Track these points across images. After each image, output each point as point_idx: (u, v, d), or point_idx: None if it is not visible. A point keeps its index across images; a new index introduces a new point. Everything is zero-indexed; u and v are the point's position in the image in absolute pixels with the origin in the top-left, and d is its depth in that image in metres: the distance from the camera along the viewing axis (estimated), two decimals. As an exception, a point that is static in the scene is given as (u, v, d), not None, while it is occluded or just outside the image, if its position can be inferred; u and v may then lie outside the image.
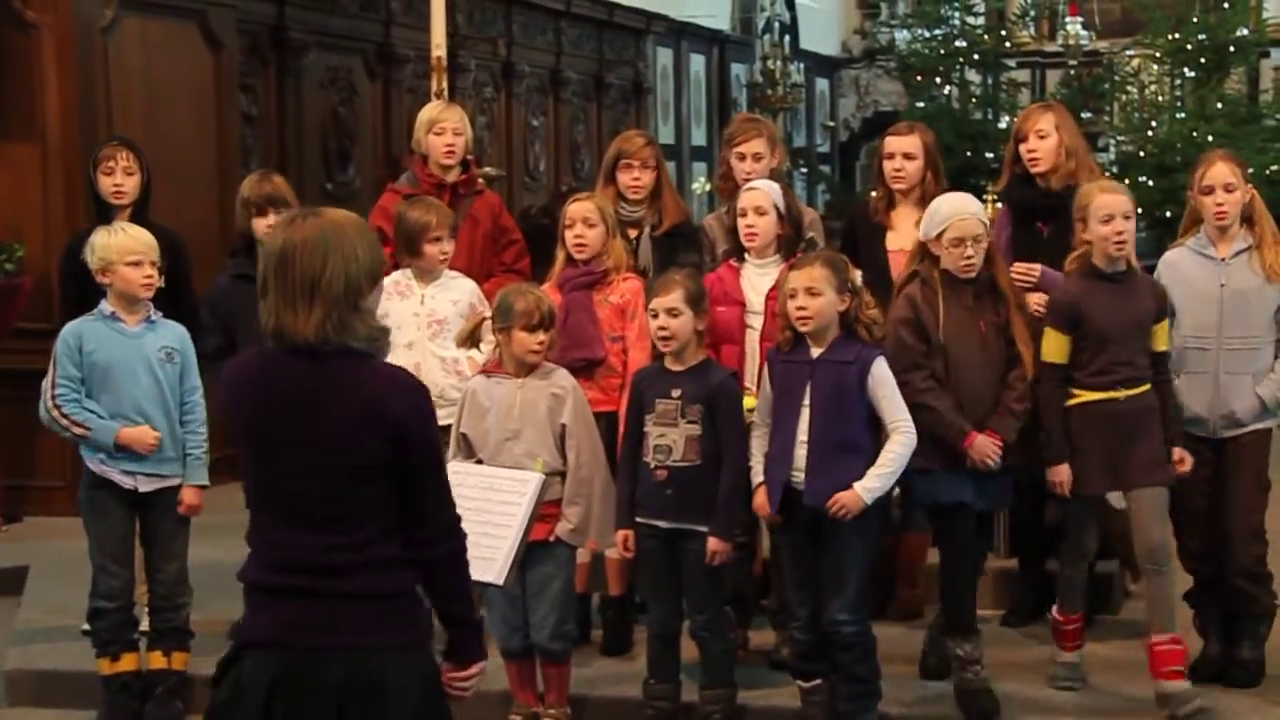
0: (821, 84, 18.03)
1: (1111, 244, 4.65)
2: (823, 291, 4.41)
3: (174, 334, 4.94)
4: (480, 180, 6.11)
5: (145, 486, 4.87)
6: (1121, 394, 4.65)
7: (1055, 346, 4.70)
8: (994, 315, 4.64)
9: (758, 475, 4.56)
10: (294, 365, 2.90)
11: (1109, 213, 4.63)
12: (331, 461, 2.88)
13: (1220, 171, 4.87)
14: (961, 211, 4.65)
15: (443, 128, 5.67)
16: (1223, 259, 4.90)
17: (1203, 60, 12.74)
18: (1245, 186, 4.90)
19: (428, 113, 5.80)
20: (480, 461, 4.59)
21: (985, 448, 4.57)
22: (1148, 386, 4.71)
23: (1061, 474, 4.71)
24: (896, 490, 4.63)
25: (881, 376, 4.46)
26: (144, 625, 5.05)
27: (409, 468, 2.92)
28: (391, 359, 5.13)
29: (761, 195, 4.99)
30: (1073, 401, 4.70)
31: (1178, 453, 4.74)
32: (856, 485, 4.38)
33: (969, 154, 12.53)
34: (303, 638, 2.86)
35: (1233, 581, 4.88)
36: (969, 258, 4.59)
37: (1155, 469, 4.70)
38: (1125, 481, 4.71)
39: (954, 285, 4.63)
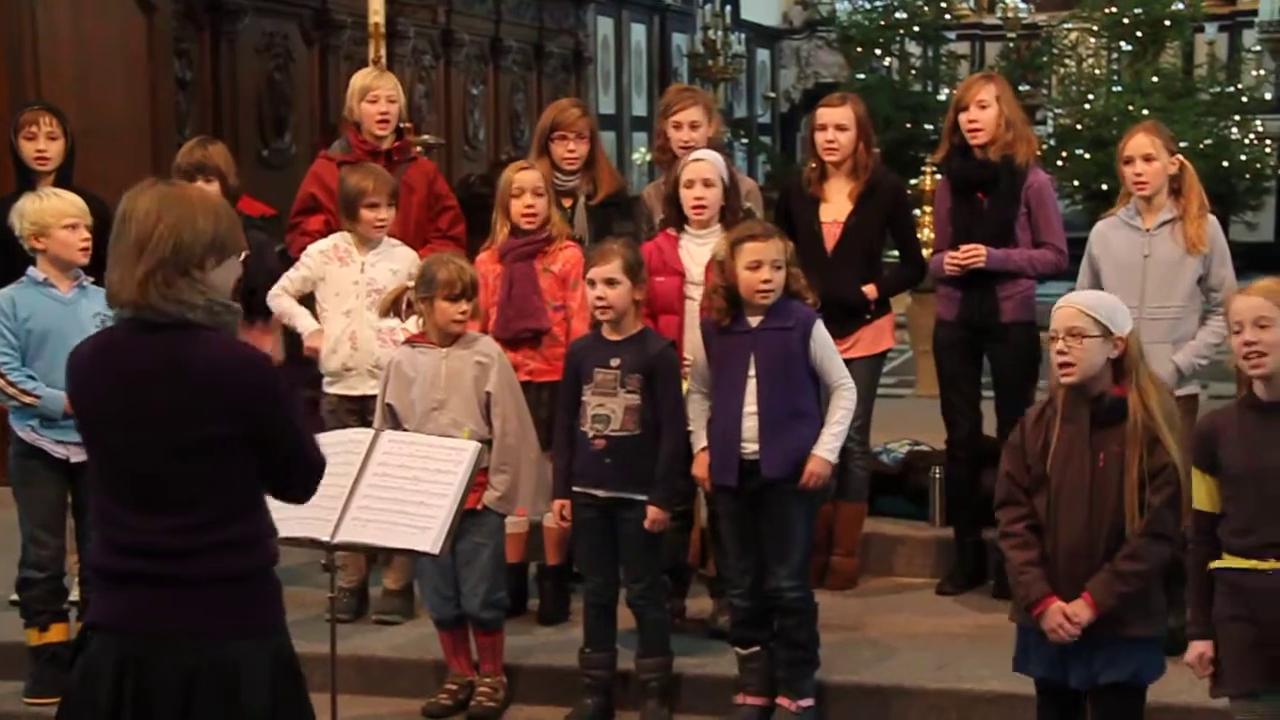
0: (762, 55, 18.03)
1: (1244, 360, 3.56)
2: (782, 264, 4.43)
3: (106, 300, 4.88)
4: (416, 148, 6.07)
5: (77, 456, 4.80)
6: (1269, 566, 3.49)
7: (1201, 490, 3.64)
8: (1118, 447, 3.70)
9: (699, 442, 4.57)
10: (130, 342, 2.86)
11: (1238, 320, 3.57)
12: (169, 441, 2.83)
13: (1139, 142, 4.95)
14: (1061, 302, 3.83)
15: (376, 95, 5.63)
16: (1147, 230, 4.97)
17: (1139, 34, 12.86)
18: (1170, 158, 4.96)
19: (360, 80, 5.76)
20: (408, 432, 4.56)
21: (1055, 621, 3.69)
22: None
23: (1193, 652, 3.66)
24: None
25: (822, 339, 4.49)
26: (73, 595, 5.00)
27: (264, 439, 2.88)
28: (328, 326, 5.24)
29: (709, 167, 4.98)
30: (1214, 564, 3.61)
31: None
32: (817, 451, 4.43)
33: (909, 125, 12.60)
34: (146, 623, 2.84)
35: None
36: (1061, 354, 3.71)
37: None
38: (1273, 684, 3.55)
39: (1075, 405, 3.74)
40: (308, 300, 5.35)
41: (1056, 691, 3.82)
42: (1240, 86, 13.63)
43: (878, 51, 13.63)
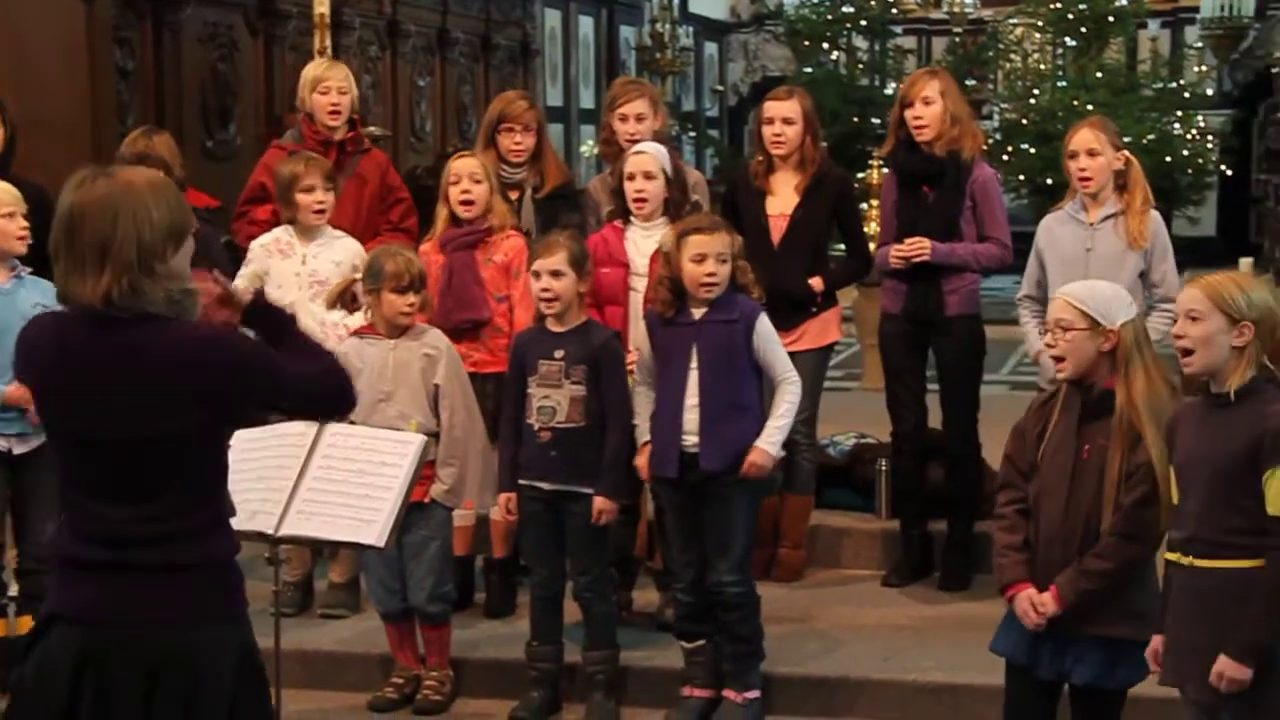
0: (710, 48, 18.03)
1: (1178, 354, 3.42)
2: (728, 258, 4.43)
3: (46, 291, 4.81)
4: (367, 139, 6.05)
5: (20, 448, 4.76)
6: (1186, 561, 3.37)
7: (1173, 483, 3.47)
8: (1104, 440, 3.61)
9: (643, 435, 4.56)
10: (91, 333, 2.80)
11: (1177, 312, 3.42)
12: (136, 432, 2.78)
13: (1084, 137, 5.02)
14: (1056, 293, 3.81)
15: (327, 86, 5.62)
16: (1091, 224, 5.03)
17: (1083, 30, 12.97)
18: (1115, 153, 5.02)
19: (312, 70, 5.76)
20: (353, 424, 4.54)
21: (1022, 608, 3.67)
22: (1238, 563, 3.29)
23: (1150, 645, 3.51)
24: (781, 453, 4.66)
25: (765, 332, 4.48)
26: (12, 590, 4.94)
27: (263, 402, 2.95)
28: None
29: (650, 160, 4.98)
30: (1163, 556, 3.50)
31: (1223, 662, 3.28)
32: (760, 443, 4.42)
33: (855, 119, 12.64)
34: (110, 612, 2.80)
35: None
36: (1050, 346, 3.71)
37: (1215, 684, 3.30)
38: (1185, 683, 3.42)
39: (1072, 395, 3.68)
40: None
41: (1028, 675, 3.75)
42: (1183, 82, 13.75)
43: (825, 45, 13.66)
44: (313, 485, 4.12)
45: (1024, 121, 12.69)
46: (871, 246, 5.67)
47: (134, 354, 2.78)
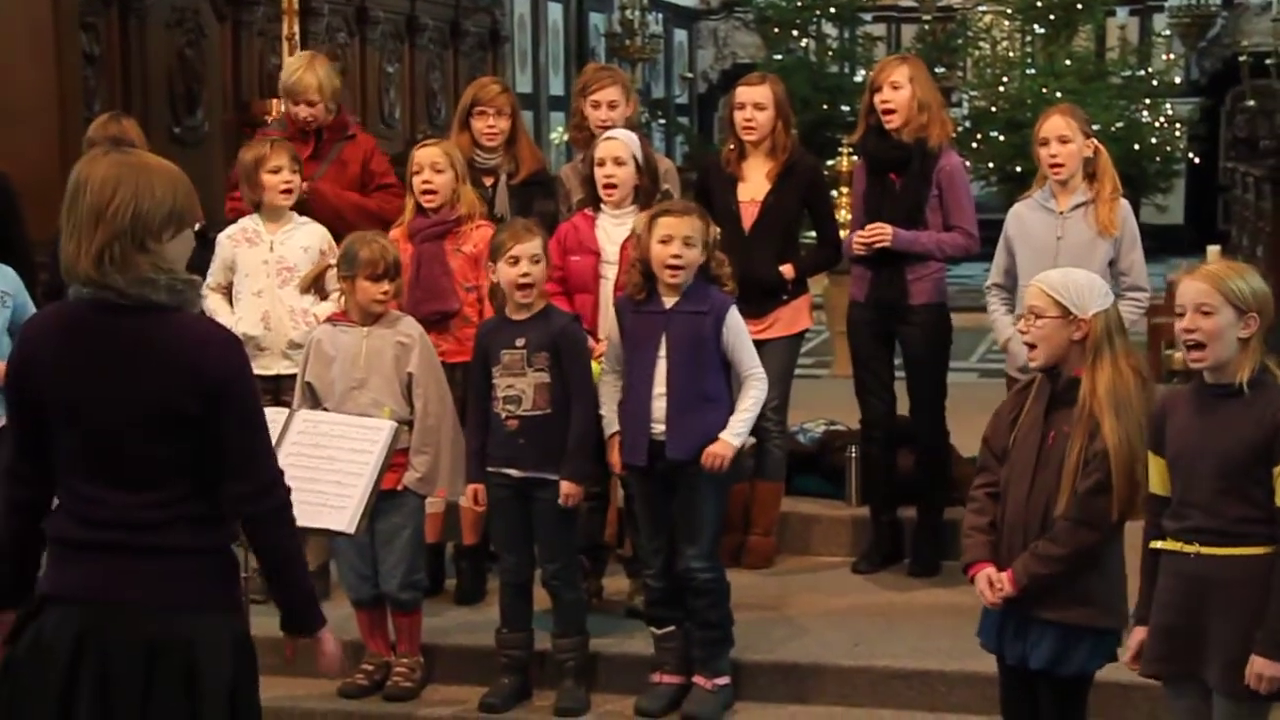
0: (680, 35, 18.03)
1: (1185, 350, 3.44)
2: (696, 243, 4.42)
3: (6, 277, 4.79)
4: (355, 124, 6.01)
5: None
6: (1192, 549, 3.39)
7: (1153, 472, 3.52)
8: (1068, 428, 3.64)
9: (611, 426, 4.56)
10: (99, 322, 2.80)
11: (1181, 305, 3.41)
12: (142, 421, 2.79)
13: (1055, 124, 5.02)
14: (1034, 279, 3.81)
15: (297, 99, 5.56)
16: (1061, 212, 5.04)
17: (1052, 18, 13.03)
18: (1085, 140, 5.03)
19: (285, 76, 5.68)
20: (327, 411, 4.53)
21: (981, 586, 3.72)
22: (1249, 550, 3.34)
23: (1134, 636, 3.58)
24: (752, 440, 4.66)
25: (735, 325, 4.48)
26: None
27: (226, 422, 2.83)
28: (240, 307, 5.17)
29: (620, 146, 4.97)
30: (1153, 544, 3.53)
31: (1257, 664, 3.31)
32: (724, 435, 4.42)
33: (825, 107, 12.68)
34: (111, 592, 2.80)
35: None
36: (1022, 333, 3.76)
37: (1232, 672, 3.35)
38: (1192, 671, 3.45)
39: (1044, 382, 3.73)
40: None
41: (1014, 666, 3.77)
42: (1150, 70, 13.84)
43: (795, 33, 13.70)
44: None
45: (993, 109, 12.76)
46: (843, 234, 5.68)
47: (141, 342, 2.79)
